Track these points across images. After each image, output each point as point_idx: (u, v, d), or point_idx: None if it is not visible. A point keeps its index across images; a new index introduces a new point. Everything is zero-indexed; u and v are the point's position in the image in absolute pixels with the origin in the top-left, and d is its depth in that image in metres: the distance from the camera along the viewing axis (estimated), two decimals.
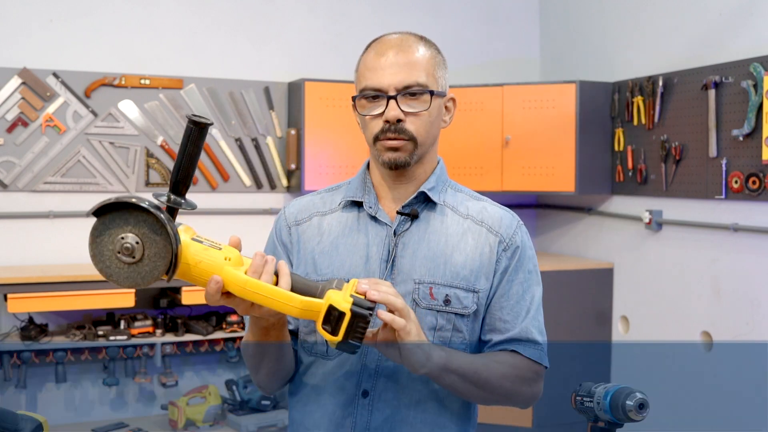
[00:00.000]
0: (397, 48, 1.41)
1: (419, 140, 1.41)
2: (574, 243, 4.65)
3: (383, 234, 1.44)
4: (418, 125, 1.41)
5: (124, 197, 1.16)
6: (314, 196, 1.55)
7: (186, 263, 1.21)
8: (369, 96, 1.41)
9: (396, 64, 1.40)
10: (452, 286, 1.41)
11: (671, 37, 3.90)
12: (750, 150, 3.33)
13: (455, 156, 4.33)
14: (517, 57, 4.90)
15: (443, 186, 1.50)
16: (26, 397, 3.87)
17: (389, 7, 4.61)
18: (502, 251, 1.44)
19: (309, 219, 1.51)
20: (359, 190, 1.49)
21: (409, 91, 1.39)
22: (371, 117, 1.41)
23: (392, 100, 1.38)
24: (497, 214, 1.48)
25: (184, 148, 1.18)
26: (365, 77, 1.42)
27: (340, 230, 1.47)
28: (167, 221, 1.16)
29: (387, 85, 1.39)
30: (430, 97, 1.41)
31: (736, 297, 3.48)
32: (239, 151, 4.28)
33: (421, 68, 1.41)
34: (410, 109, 1.40)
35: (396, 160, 1.41)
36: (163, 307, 4.01)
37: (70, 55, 3.97)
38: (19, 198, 3.90)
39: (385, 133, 1.40)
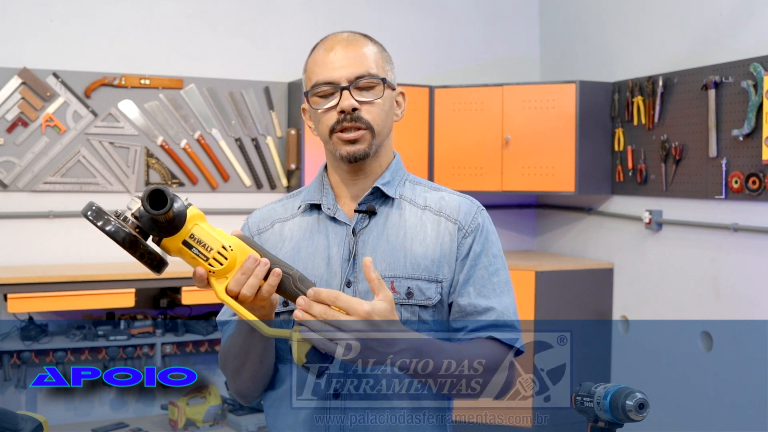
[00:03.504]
0: (344, 43, 1.43)
1: (376, 129, 1.41)
2: (574, 243, 4.64)
3: (343, 234, 1.44)
4: (374, 114, 1.41)
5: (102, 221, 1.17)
6: (275, 204, 1.56)
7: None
8: (320, 92, 1.41)
9: (346, 57, 1.41)
10: (414, 278, 1.40)
11: (671, 37, 3.90)
12: (750, 150, 3.33)
13: (455, 156, 4.33)
14: (517, 57, 4.90)
15: (400, 180, 1.49)
16: (26, 397, 3.87)
17: (389, 8, 4.61)
18: (462, 238, 1.44)
19: (271, 226, 1.51)
20: (317, 192, 1.49)
21: (362, 81, 1.40)
22: (324, 110, 1.41)
23: (345, 90, 1.39)
24: (455, 202, 1.47)
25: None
26: (315, 73, 1.42)
27: (301, 234, 1.47)
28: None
29: (338, 77, 1.39)
30: (383, 86, 1.41)
31: (736, 297, 3.48)
32: (239, 151, 4.28)
33: (370, 60, 1.42)
34: (364, 98, 1.40)
35: (355, 153, 1.40)
36: (163, 307, 4.00)
37: (70, 55, 3.97)
38: (19, 198, 3.90)
39: (341, 124, 1.39)
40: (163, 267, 1.21)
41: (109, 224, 1.16)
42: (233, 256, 1.23)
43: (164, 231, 1.19)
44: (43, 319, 3.85)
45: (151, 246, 1.20)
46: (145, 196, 1.14)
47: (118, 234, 1.16)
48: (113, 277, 3.63)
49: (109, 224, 1.16)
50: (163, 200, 1.14)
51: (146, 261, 1.19)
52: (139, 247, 1.17)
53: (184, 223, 1.20)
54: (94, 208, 1.17)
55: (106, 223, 1.16)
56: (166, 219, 1.17)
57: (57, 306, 3.60)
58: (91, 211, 1.17)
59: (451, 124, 4.34)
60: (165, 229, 1.19)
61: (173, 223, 1.19)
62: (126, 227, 1.17)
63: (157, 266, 1.20)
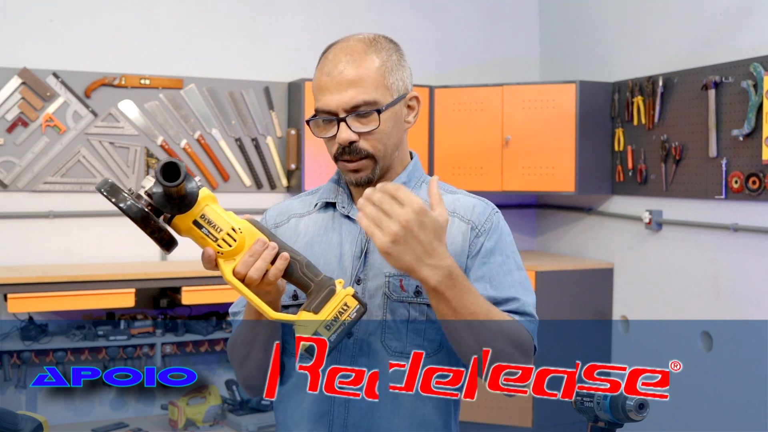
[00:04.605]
0: (344, 62, 1.39)
1: (377, 156, 1.41)
2: (574, 243, 4.64)
3: (356, 231, 1.45)
4: (373, 143, 1.40)
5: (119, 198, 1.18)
6: (294, 200, 1.58)
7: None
8: (320, 119, 1.41)
9: (342, 82, 1.38)
10: None
11: (671, 37, 3.90)
12: (750, 150, 3.33)
13: (455, 156, 4.34)
14: (517, 57, 4.90)
15: (417, 181, 1.50)
16: (26, 397, 3.87)
17: (389, 8, 4.61)
18: (474, 237, 1.43)
19: (287, 221, 1.54)
20: (333, 191, 1.51)
21: (358, 112, 1.38)
22: (327, 139, 1.42)
23: (342, 122, 1.38)
24: (470, 204, 1.47)
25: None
26: (317, 98, 1.42)
27: (315, 230, 1.49)
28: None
29: (335, 107, 1.38)
30: (378, 116, 1.39)
31: (736, 297, 3.48)
32: (239, 151, 4.28)
33: (369, 83, 1.39)
34: (362, 129, 1.39)
35: (358, 180, 1.42)
36: (163, 307, 4.00)
37: (70, 55, 3.97)
38: (19, 198, 3.90)
39: (342, 155, 1.40)
40: (173, 246, 1.23)
41: (123, 200, 1.18)
42: (242, 238, 1.25)
43: (176, 208, 1.21)
44: (43, 319, 3.85)
45: (163, 224, 1.22)
46: (159, 168, 1.15)
47: (132, 209, 1.18)
48: (113, 277, 3.63)
49: (123, 200, 1.18)
50: (176, 173, 1.15)
51: (156, 237, 1.21)
52: (150, 223, 1.19)
53: (195, 202, 1.22)
54: (109, 183, 1.19)
55: (121, 199, 1.18)
56: (178, 195, 1.19)
57: (57, 306, 3.60)
58: (106, 186, 1.18)
59: (451, 124, 4.34)
60: (177, 206, 1.21)
61: (185, 200, 1.21)
62: (139, 203, 1.19)
63: (167, 244, 1.22)
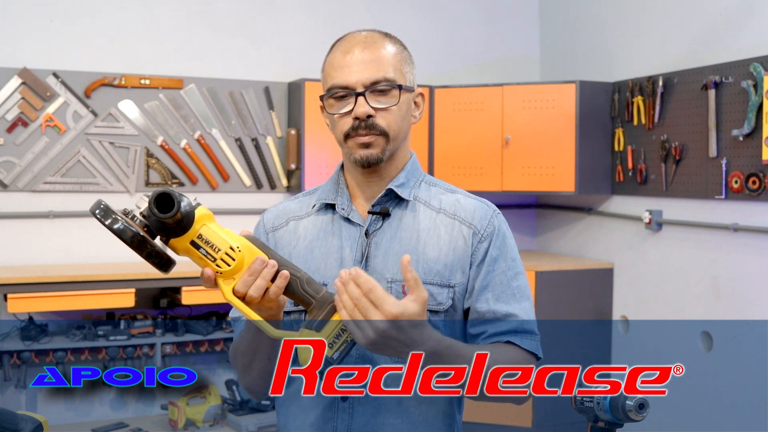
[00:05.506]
0: (362, 45, 1.41)
1: (391, 135, 1.40)
2: (574, 243, 4.64)
3: (356, 235, 1.44)
4: (389, 120, 1.40)
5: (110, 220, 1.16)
6: (291, 201, 1.55)
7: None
8: (337, 94, 1.40)
9: (362, 61, 1.39)
10: (425, 282, 1.38)
11: (671, 37, 3.90)
12: (750, 150, 3.33)
13: (455, 156, 4.34)
14: (517, 57, 4.90)
15: (416, 181, 1.49)
16: (26, 397, 3.87)
17: (389, 8, 4.61)
18: (477, 243, 1.42)
19: (286, 224, 1.51)
20: (332, 192, 1.49)
21: (378, 86, 1.38)
22: (340, 115, 1.40)
23: (361, 96, 1.38)
24: (471, 206, 1.46)
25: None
26: (332, 76, 1.41)
27: (314, 234, 1.47)
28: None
29: (354, 81, 1.38)
30: (399, 92, 1.40)
31: (736, 297, 3.48)
32: (239, 151, 4.28)
33: (388, 64, 1.40)
34: (379, 105, 1.39)
35: (369, 158, 1.40)
36: (163, 307, 4.01)
37: (70, 55, 3.97)
38: (19, 198, 3.90)
39: (356, 131, 1.39)
40: (170, 267, 1.21)
41: (117, 223, 1.15)
42: (241, 257, 1.23)
43: (172, 232, 1.19)
44: (43, 319, 3.85)
45: (159, 246, 1.19)
46: (152, 199, 1.13)
47: (126, 233, 1.15)
48: (113, 277, 3.63)
49: (117, 223, 1.15)
50: (170, 203, 1.14)
51: (154, 261, 1.18)
52: (146, 246, 1.17)
53: (192, 224, 1.19)
54: (102, 206, 1.16)
55: (114, 221, 1.15)
56: (174, 221, 1.16)
57: (57, 306, 3.60)
58: (99, 210, 1.16)
59: (451, 124, 4.34)
60: (173, 230, 1.18)
61: (181, 224, 1.18)
62: (134, 226, 1.16)
63: (164, 266, 1.20)
